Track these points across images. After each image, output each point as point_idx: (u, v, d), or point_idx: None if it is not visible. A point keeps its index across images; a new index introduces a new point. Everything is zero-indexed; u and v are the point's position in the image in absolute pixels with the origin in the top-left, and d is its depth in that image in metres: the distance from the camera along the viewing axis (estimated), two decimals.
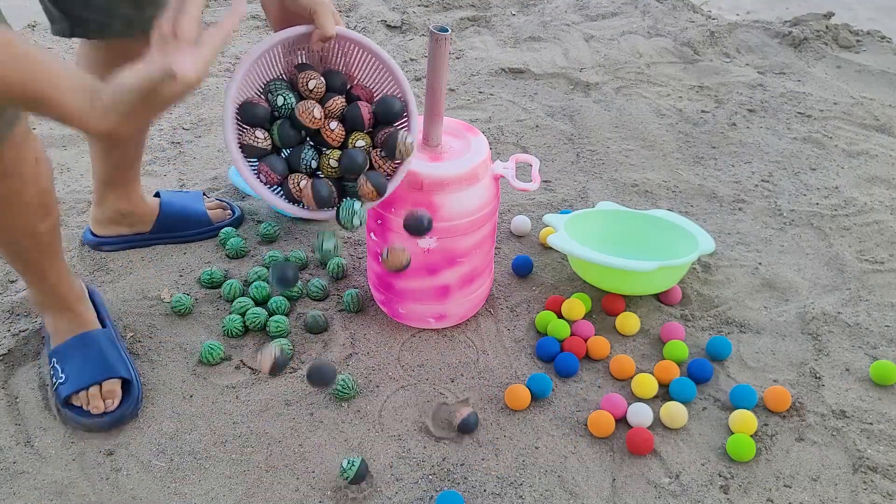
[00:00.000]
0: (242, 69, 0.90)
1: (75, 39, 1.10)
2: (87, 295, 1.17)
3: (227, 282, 1.29)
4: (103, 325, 1.16)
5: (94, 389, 1.07)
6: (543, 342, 1.20)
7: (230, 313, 1.24)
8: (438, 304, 1.21)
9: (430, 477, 1.02)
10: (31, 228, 0.98)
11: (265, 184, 0.96)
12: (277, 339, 1.19)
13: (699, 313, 1.29)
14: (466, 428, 1.06)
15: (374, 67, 1.01)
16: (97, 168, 1.28)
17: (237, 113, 0.94)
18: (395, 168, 1.01)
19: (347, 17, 2.41)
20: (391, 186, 1.00)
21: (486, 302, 1.30)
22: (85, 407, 1.06)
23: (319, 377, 0.90)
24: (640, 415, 1.08)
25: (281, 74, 0.99)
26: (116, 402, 1.07)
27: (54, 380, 1.09)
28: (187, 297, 1.26)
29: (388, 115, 0.99)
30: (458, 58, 2.20)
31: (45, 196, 0.97)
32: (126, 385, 1.10)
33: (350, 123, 0.98)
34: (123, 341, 1.19)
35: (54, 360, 1.11)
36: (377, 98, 1.01)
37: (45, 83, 0.63)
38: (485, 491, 1.00)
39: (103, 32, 1.08)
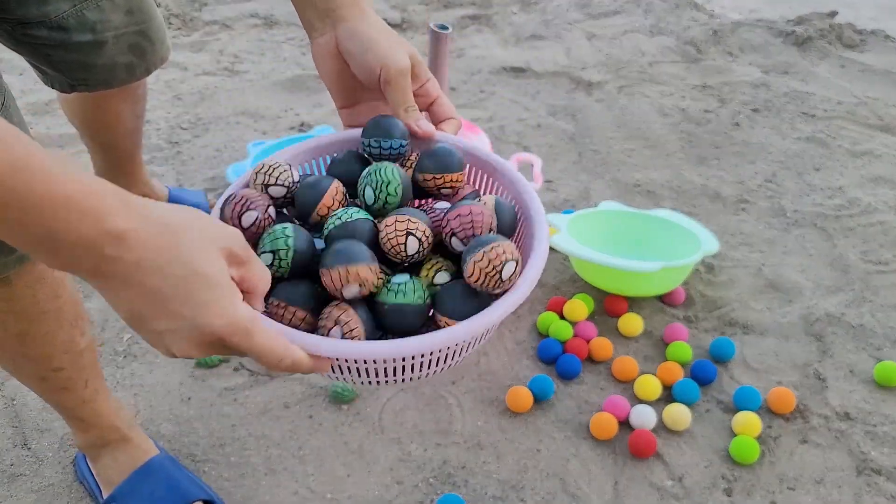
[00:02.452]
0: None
1: None
2: (135, 420, 1.03)
3: None
4: None
5: None
6: (545, 344, 1.19)
7: None
8: None
9: (431, 480, 1.01)
10: (70, 345, 0.82)
11: None
12: None
13: (702, 314, 1.28)
14: None
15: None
16: (96, 164, 1.28)
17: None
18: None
19: None
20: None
21: None
22: None
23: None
24: (643, 417, 1.07)
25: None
26: None
27: None
28: None
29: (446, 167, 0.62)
30: (459, 56, 2.19)
31: (78, 305, 0.84)
32: None
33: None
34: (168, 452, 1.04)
35: None
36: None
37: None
38: (486, 494, 0.99)
39: (108, 84, 1.06)
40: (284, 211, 0.63)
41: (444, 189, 0.63)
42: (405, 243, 0.55)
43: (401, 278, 0.56)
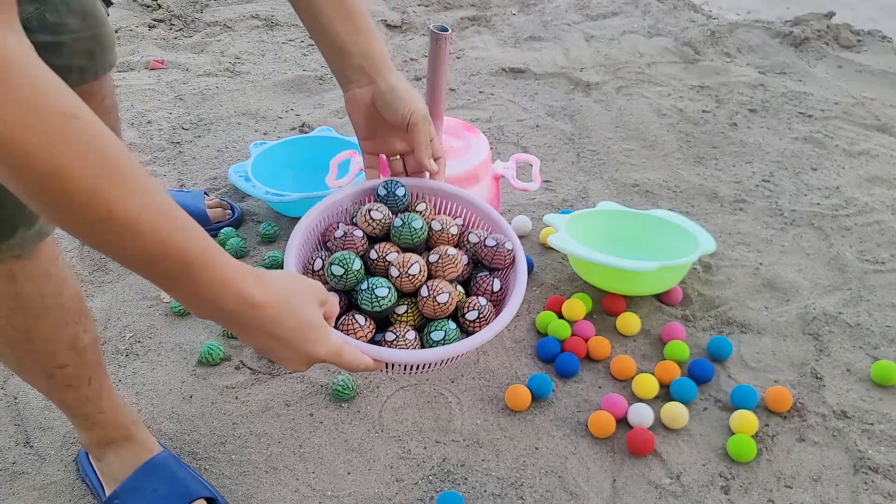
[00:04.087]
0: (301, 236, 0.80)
1: None
2: (140, 417, 1.04)
3: None
4: None
5: None
6: (544, 342, 1.19)
7: None
8: None
9: (431, 478, 1.02)
10: (75, 342, 0.84)
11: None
12: None
13: (700, 313, 1.29)
14: None
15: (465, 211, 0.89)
16: None
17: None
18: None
19: None
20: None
21: None
22: None
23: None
24: (641, 415, 1.08)
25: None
26: None
27: None
28: None
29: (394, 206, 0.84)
30: (458, 57, 2.20)
31: (81, 301, 0.84)
32: None
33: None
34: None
35: (116, 502, 0.93)
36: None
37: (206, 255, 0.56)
38: (485, 492, 1.00)
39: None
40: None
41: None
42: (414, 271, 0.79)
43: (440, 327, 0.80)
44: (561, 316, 1.26)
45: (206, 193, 1.49)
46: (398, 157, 0.88)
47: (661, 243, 1.35)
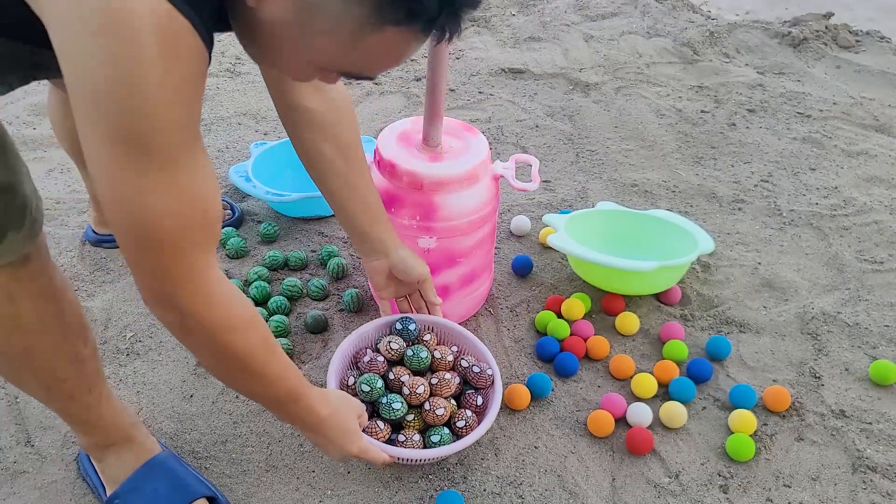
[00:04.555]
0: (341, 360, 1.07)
1: None
2: (139, 419, 1.05)
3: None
4: None
5: None
6: (543, 342, 1.20)
7: None
8: None
9: (430, 476, 1.02)
10: (75, 354, 0.84)
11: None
12: (278, 339, 1.19)
13: (699, 313, 1.29)
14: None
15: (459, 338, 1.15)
16: (84, 173, 1.30)
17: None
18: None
19: None
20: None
21: (486, 302, 1.30)
22: None
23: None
24: (640, 414, 1.08)
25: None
26: None
27: None
28: None
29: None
30: (458, 58, 2.20)
31: (81, 315, 0.85)
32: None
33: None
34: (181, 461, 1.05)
35: (117, 502, 0.95)
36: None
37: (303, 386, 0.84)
38: (484, 490, 1.00)
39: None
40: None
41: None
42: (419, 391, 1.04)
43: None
44: (560, 315, 1.26)
45: None
46: (404, 297, 1.13)
47: (659, 243, 1.36)
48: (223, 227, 1.44)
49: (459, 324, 1.24)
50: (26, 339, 0.78)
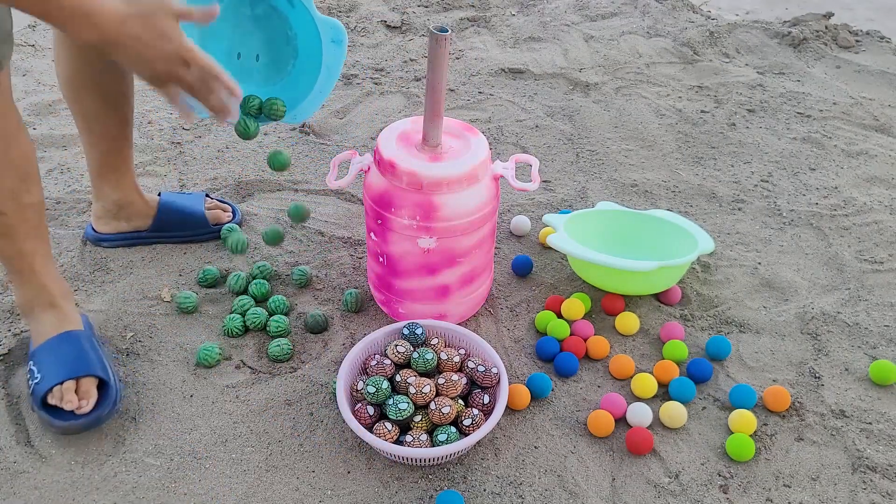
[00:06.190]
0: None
1: None
2: (73, 295, 1.15)
3: (234, 273, 1.31)
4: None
5: (69, 384, 1.04)
6: (543, 342, 1.20)
7: (231, 312, 1.24)
8: (438, 304, 1.21)
9: (430, 476, 1.02)
10: (16, 194, 0.97)
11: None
12: (278, 340, 1.19)
13: (699, 313, 1.29)
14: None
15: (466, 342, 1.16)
16: (89, 158, 1.30)
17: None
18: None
19: (347, 17, 2.41)
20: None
21: (486, 302, 1.30)
22: (59, 404, 1.03)
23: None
24: (640, 414, 1.08)
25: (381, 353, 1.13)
26: (92, 403, 1.04)
27: (31, 382, 1.06)
28: (194, 294, 1.26)
29: None
30: (457, 58, 2.20)
31: (30, 165, 0.96)
32: (103, 388, 1.07)
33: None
34: (104, 347, 1.17)
35: (31, 362, 1.08)
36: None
37: None
38: (484, 490, 1.00)
39: None
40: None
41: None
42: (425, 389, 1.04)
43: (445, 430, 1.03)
44: (560, 315, 1.26)
45: (207, 195, 1.49)
46: None
47: (659, 243, 1.36)
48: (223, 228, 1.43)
49: (459, 324, 1.24)
50: None
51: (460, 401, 1.07)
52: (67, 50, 1.18)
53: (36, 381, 1.05)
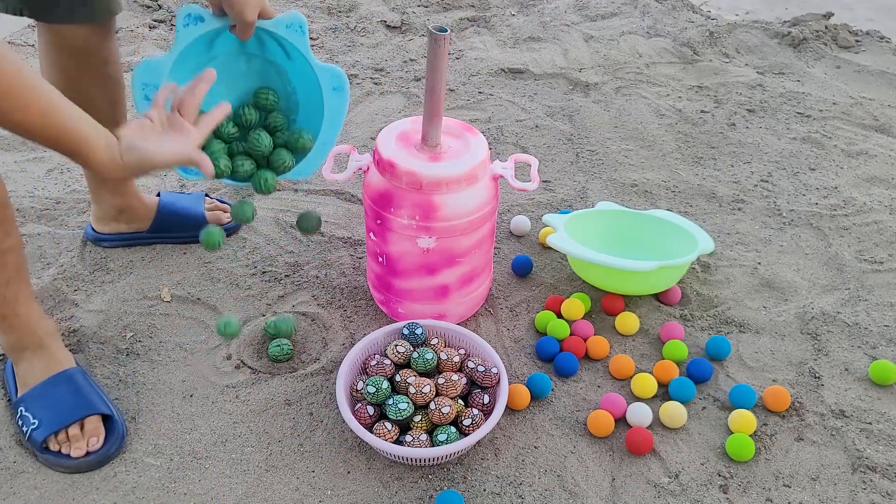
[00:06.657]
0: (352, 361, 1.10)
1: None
2: (58, 333, 1.11)
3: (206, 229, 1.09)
4: None
5: (74, 429, 1.01)
6: (543, 342, 1.20)
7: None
8: (438, 304, 1.21)
9: (430, 476, 1.02)
10: None
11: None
12: (278, 340, 1.19)
13: (698, 313, 1.29)
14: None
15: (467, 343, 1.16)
16: (87, 173, 1.30)
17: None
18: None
19: (347, 17, 2.41)
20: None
21: (486, 301, 1.30)
22: (64, 450, 1.00)
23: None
24: (640, 414, 1.08)
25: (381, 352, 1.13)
26: (101, 440, 1.02)
27: (25, 428, 1.02)
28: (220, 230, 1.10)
29: None
30: (457, 58, 2.20)
31: (5, 209, 0.92)
32: (107, 421, 1.04)
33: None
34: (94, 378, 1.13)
35: (21, 408, 1.03)
36: None
37: (81, 139, 0.80)
38: (484, 490, 1.00)
39: (50, 15, 1.10)
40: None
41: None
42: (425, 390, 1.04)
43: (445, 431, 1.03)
44: (560, 315, 1.26)
45: (207, 195, 1.49)
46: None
47: (659, 243, 1.36)
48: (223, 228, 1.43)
49: (459, 324, 1.24)
50: None
51: (460, 401, 1.07)
52: (50, 67, 1.17)
53: (33, 426, 1.01)
